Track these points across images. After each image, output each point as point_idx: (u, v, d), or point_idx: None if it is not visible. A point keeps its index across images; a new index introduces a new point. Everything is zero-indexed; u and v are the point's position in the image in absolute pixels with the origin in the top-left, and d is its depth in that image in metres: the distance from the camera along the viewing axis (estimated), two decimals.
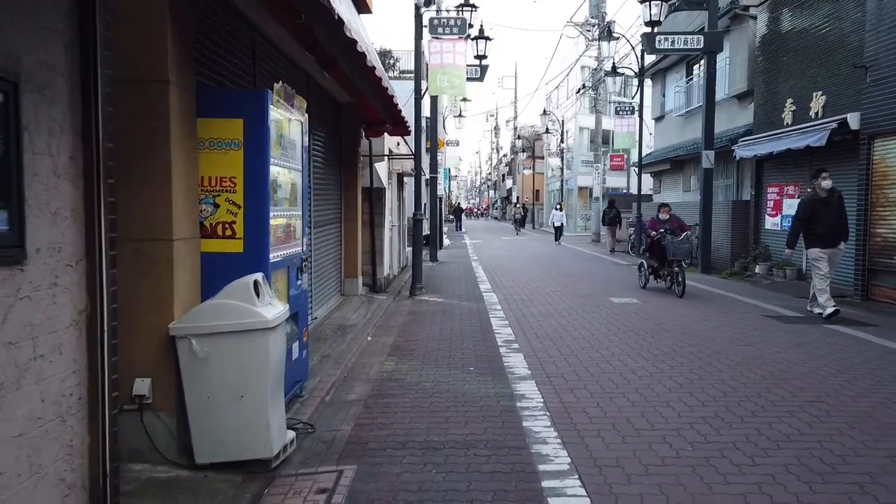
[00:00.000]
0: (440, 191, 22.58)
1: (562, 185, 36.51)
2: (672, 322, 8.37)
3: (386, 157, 12.04)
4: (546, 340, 7.22)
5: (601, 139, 29.43)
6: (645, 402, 4.88)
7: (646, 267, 12.05)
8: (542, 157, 49.62)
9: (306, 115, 4.92)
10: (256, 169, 3.93)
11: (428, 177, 18.65)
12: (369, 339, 7.41)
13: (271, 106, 4.05)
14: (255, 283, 3.57)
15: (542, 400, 4.96)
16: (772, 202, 13.98)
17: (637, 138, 20.59)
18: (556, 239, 26.55)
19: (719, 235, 15.38)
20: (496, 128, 69.13)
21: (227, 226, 3.95)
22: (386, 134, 11.48)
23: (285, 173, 4.45)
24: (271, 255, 4.18)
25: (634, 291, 11.44)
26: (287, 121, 4.47)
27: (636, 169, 22.19)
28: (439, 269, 15.97)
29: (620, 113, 21.58)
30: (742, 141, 14.54)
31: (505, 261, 18.09)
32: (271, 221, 4.17)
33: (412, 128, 10.94)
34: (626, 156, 28.85)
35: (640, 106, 20.06)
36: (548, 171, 46.23)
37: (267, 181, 3.98)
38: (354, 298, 9.99)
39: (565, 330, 7.83)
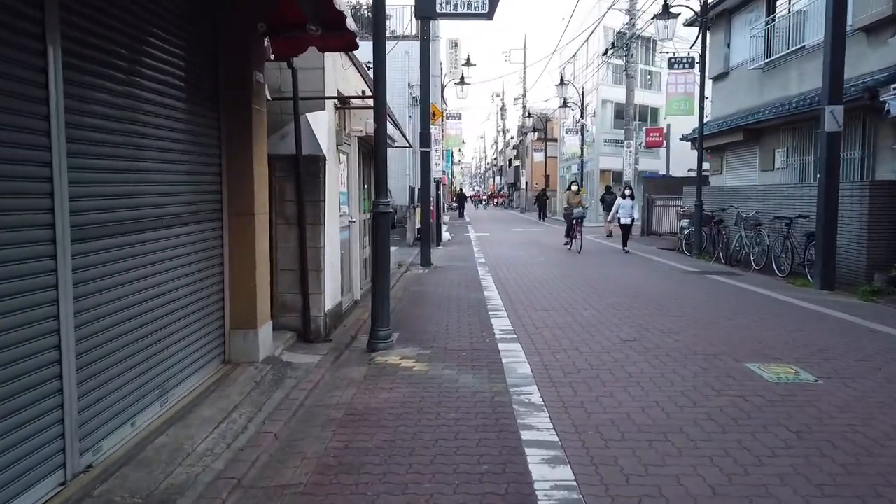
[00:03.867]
0: (436, 172, 17.52)
1: (581, 168, 31.37)
2: None
3: (332, 105, 7.02)
4: None
5: (634, 112, 24.25)
6: None
7: None
8: (555, 140, 44.50)
9: None
10: None
11: (417, 150, 13.66)
12: None
13: None
14: None
15: None
16: None
17: (696, 100, 15.46)
18: (624, 244, 16.17)
19: (846, 234, 10.34)
20: (503, 108, 63.80)
21: None
22: (325, 57, 6.49)
23: None
24: None
25: (775, 346, 6.44)
26: None
27: (691, 144, 17.09)
28: (432, 280, 10.98)
29: (675, 67, 16.43)
30: None
31: (524, 267, 13.06)
32: None
33: (358, 35, 5.90)
34: (665, 130, 23.74)
35: (703, 55, 14.90)
36: (561, 149, 41.03)
37: None
38: (247, 372, 5.01)
39: None
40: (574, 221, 16.12)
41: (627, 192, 16.85)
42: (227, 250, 5.14)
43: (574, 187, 17.62)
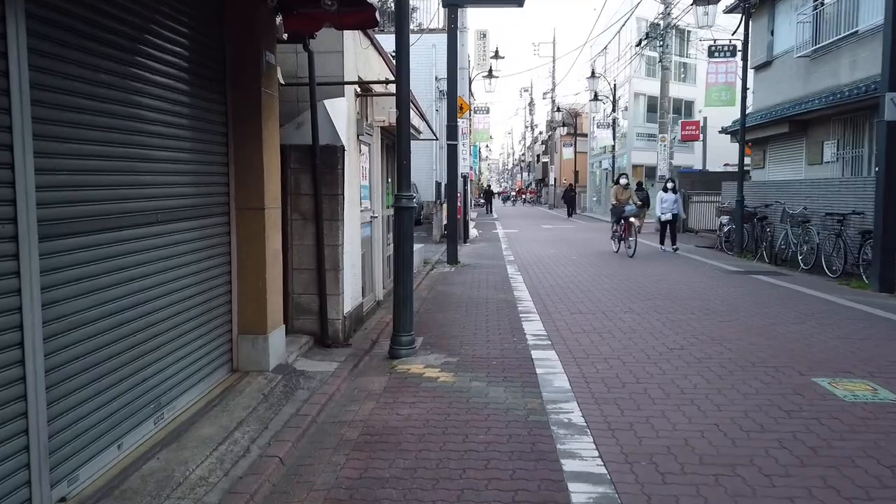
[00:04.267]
0: (463, 167, 17.00)
1: (613, 163, 30.52)
2: None
3: (353, 92, 6.53)
4: None
5: (669, 105, 23.36)
6: None
7: None
8: (585, 135, 43.63)
9: None
10: None
11: (444, 144, 13.15)
12: None
13: None
14: None
15: None
16: None
17: (738, 90, 14.68)
18: (666, 241, 15.14)
19: None
20: (531, 103, 62.92)
21: None
22: (345, 40, 6.03)
23: None
24: None
25: (843, 356, 5.79)
26: None
27: (731, 137, 16.27)
28: (459, 279, 10.47)
29: (716, 55, 15.65)
30: None
31: (556, 266, 12.48)
32: None
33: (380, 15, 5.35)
34: (701, 123, 22.87)
35: (746, 43, 14.11)
36: (591, 144, 40.17)
37: None
38: (255, 382, 4.55)
39: None
40: (624, 221, 14.03)
41: (670, 185, 15.31)
42: (234, 248, 4.68)
43: (623, 180, 14.91)
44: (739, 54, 14.80)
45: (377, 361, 5.49)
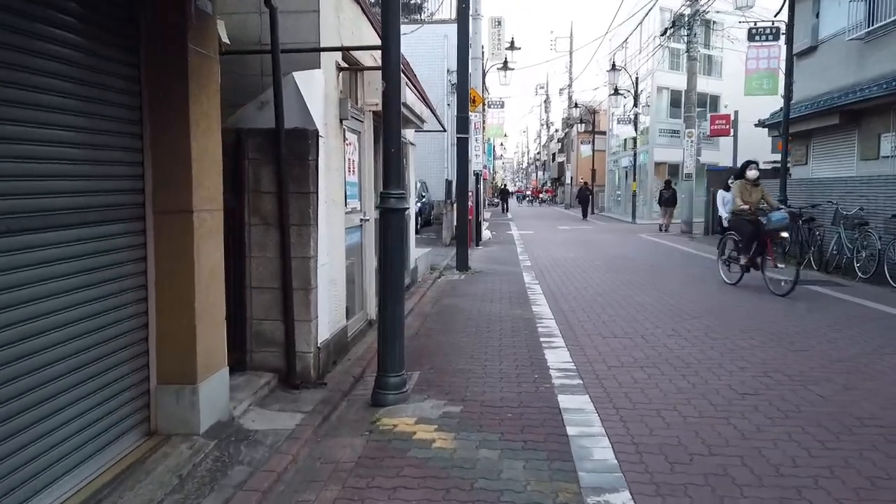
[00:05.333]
0: (476, 164, 15.66)
1: (634, 161, 28.99)
2: None
3: (334, 66, 5.22)
4: None
5: (695, 99, 21.82)
6: None
7: None
8: (603, 133, 42.10)
9: None
10: None
11: (454, 136, 11.86)
12: None
13: None
14: None
15: None
16: None
17: (780, 77, 13.21)
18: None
19: None
20: (546, 100, 61.34)
21: None
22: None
23: None
24: None
25: None
26: None
27: (769, 132, 14.79)
28: (468, 290, 9.14)
29: (757, 38, 14.17)
30: None
31: (577, 272, 11.12)
32: None
33: None
34: (731, 116, 21.35)
35: (790, 24, 12.62)
36: (610, 142, 38.67)
37: None
38: (173, 455, 3.25)
39: None
40: (767, 237, 8.73)
41: (731, 181, 13.18)
42: (151, 266, 3.40)
43: (751, 172, 9.16)
44: (783, 38, 13.32)
45: (356, 411, 4.19)
